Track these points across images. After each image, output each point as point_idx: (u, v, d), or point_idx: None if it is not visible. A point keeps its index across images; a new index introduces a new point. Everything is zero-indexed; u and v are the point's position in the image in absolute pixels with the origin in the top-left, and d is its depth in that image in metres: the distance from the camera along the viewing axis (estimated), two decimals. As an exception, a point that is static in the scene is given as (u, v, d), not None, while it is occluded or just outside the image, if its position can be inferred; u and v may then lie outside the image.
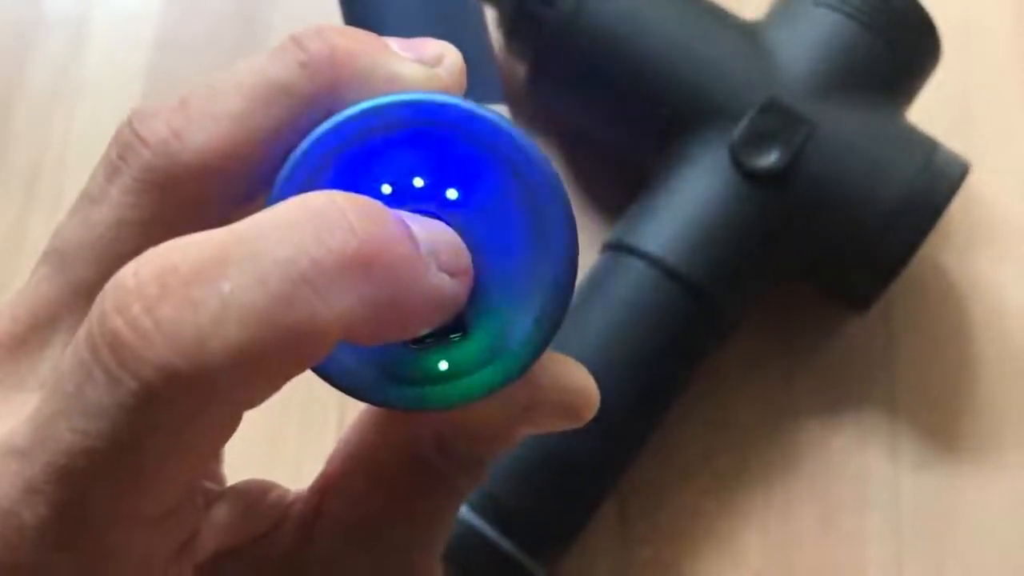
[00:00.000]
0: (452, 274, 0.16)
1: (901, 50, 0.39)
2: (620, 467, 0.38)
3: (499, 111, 0.22)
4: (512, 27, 0.41)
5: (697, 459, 0.41)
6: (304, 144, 0.17)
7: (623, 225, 0.39)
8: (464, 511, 0.35)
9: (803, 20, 0.39)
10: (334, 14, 0.32)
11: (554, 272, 0.17)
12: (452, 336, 0.17)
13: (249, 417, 0.15)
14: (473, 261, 0.17)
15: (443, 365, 0.17)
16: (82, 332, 0.14)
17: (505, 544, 0.36)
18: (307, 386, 0.20)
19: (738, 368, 0.41)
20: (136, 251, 0.15)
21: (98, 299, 0.14)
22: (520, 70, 0.41)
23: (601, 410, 0.36)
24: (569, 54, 0.39)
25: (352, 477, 0.21)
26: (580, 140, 0.44)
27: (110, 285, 0.14)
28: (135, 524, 0.15)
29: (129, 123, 0.17)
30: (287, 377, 0.15)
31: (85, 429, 0.14)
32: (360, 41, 0.18)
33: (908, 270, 0.41)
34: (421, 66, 0.18)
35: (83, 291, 0.17)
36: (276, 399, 0.16)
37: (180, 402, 0.14)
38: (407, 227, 0.16)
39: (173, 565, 0.17)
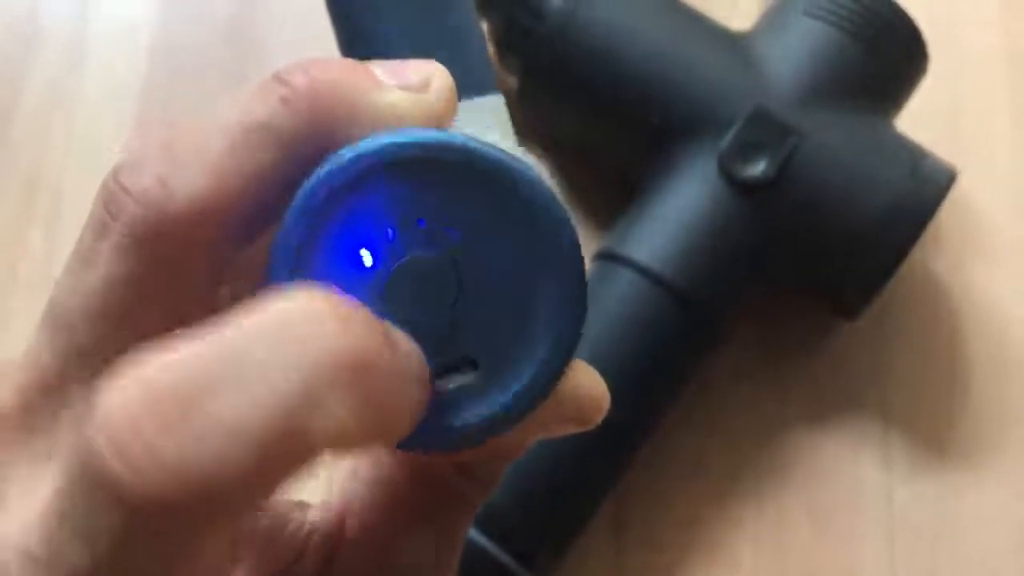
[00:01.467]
0: (418, 380, 0.16)
1: (888, 60, 0.39)
2: (614, 475, 0.38)
3: (494, 102, 0.22)
4: (503, 40, 0.41)
5: (690, 467, 0.41)
6: (297, 197, 0.17)
7: (613, 235, 0.39)
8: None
9: (791, 31, 0.39)
10: (326, 21, 0.33)
11: (566, 299, 0.17)
12: (463, 379, 0.17)
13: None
14: (479, 297, 0.17)
15: (460, 405, 0.17)
16: (74, 457, 0.14)
17: (499, 554, 0.36)
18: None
19: (730, 376, 0.42)
20: (131, 313, 0.15)
21: (87, 424, 0.14)
22: (511, 82, 0.42)
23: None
24: (559, 66, 0.40)
25: (370, 500, 0.21)
26: (571, 151, 0.44)
27: (100, 416, 0.14)
28: None
29: (114, 175, 0.17)
30: (284, 486, 0.14)
31: (87, 552, 0.14)
32: (342, 72, 0.17)
33: (900, 278, 0.41)
34: (408, 94, 0.18)
35: (85, 356, 0.17)
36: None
37: (180, 528, 0.14)
38: (392, 335, 0.15)
39: None
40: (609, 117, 0.40)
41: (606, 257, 0.39)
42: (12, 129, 0.45)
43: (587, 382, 0.19)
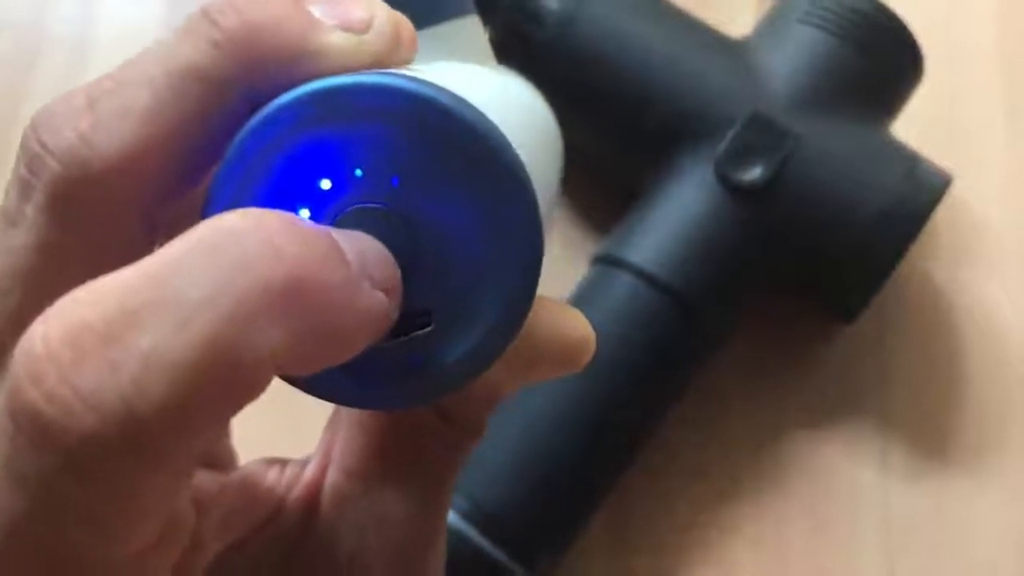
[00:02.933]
0: (384, 291, 0.15)
1: (883, 66, 0.40)
2: (613, 477, 0.38)
3: (464, 25, 0.22)
4: (500, 44, 0.42)
5: (690, 471, 0.41)
6: (229, 151, 0.16)
7: (612, 239, 0.40)
8: (455, 519, 0.36)
9: (787, 37, 0.40)
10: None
11: (520, 248, 0.16)
12: (418, 331, 0.16)
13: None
14: (430, 247, 0.16)
15: (418, 359, 0.16)
16: (2, 399, 0.13)
17: (497, 554, 0.36)
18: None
19: (729, 380, 0.42)
20: (63, 272, 0.14)
21: (11, 365, 0.13)
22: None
23: (592, 420, 0.36)
24: (557, 71, 0.40)
25: (352, 448, 0.20)
26: (569, 155, 0.44)
27: (20, 351, 0.13)
28: (112, 568, 0.14)
29: (34, 130, 0.16)
30: (226, 419, 0.14)
31: (20, 494, 0.13)
32: (277, 10, 0.16)
33: (897, 282, 0.41)
34: (348, 35, 0.16)
35: (17, 319, 0.16)
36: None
37: (115, 468, 0.13)
38: (337, 245, 0.14)
39: None
40: (607, 122, 0.40)
41: (605, 261, 0.39)
42: (18, 132, 0.46)
43: (570, 323, 0.19)
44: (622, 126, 0.40)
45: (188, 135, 0.16)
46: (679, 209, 0.38)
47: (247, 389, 0.13)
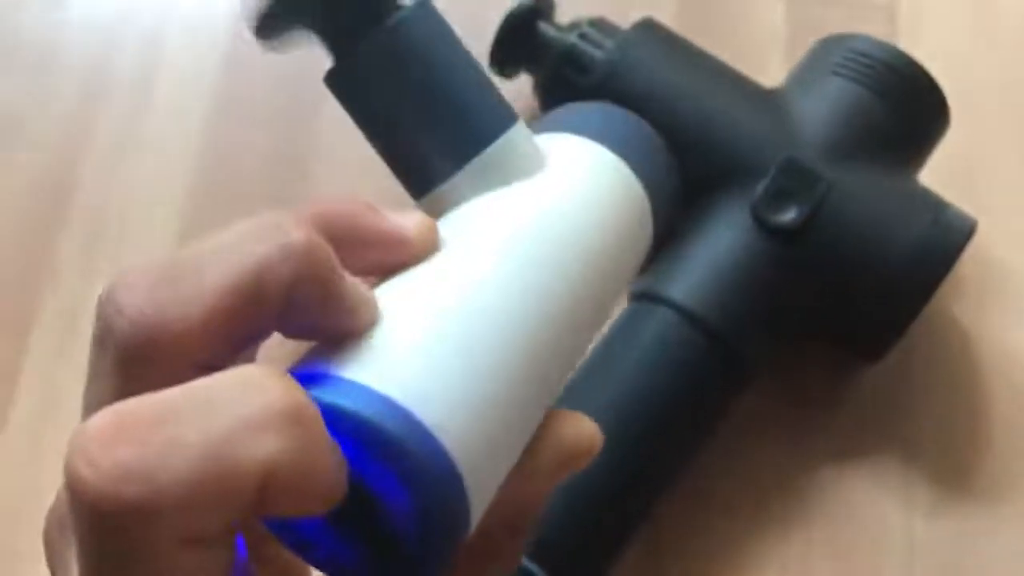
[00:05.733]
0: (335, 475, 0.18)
1: (911, 116, 0.42)
2: (647, 507, 0.40)
3: (513, 135, 0.23)
4: (547, 91, 0.44)
5: (719, 502, 0.42)
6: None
7: (649, 276, 0.41)
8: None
9: (820, 87, 0.42)
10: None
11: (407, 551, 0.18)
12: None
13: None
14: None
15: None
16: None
17: (538, 572, 0.37)
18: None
19: (760, 415, 0.43)
20: None
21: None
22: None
23: (629, 453, 0.38)
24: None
25: None
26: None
27: (77, 432, 0.16)
28: None
29: (109, 295, 0.18)
30: (224, 515, 0.16)
31: (68, 542, 0.18)
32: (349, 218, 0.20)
33: (922, 323, 0.42)
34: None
35: None
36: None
37: (134, 524, 0.15)
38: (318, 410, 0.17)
39: None
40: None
41: (643, 297, 0.41)
42: (82, 166, 0.48)
43: (576, 431, 0.22)
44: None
45: (247, 323, 0.18)
46: (716, 248, 0.40)
47: (241, 486, 0.16)
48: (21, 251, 0.48)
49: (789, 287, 0.40)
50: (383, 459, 0.18)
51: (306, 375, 0.18)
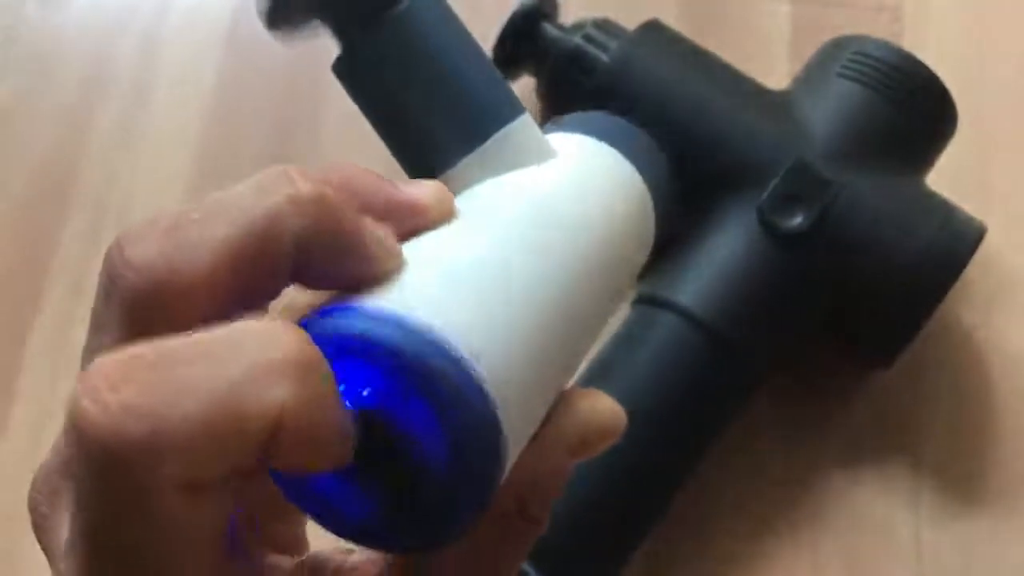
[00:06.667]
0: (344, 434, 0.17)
1: (919, 119, 0.41)
2: (655, 510, 0.40)
3: (519, 125, 0.23)
4: (551, 92, 0.43)
5: (728, 506, 0.42)
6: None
7: (654, 279, 0.41)
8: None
9: (826, 90, 0.41)
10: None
11: (474, 468, 0.18)
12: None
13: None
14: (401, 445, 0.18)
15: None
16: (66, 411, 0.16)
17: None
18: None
19: (768, 421, 0.43)
20: None
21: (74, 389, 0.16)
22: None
23: (637, 456, 0.38)
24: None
25: None
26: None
27: (80, 375, 0.16)
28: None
29: (118, 246, 0.18)
30: (228, 460, 0.16)
31: (71, 486, 0.17)
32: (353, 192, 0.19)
33: (931, 330, 0.42)
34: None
35: None
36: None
37: (139, 465, 0.15)
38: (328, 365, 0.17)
39: None
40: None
41: (648, 301, 0.40)
42: (83, 158, 0.48)
43: (599, 407, 0.21)
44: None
45: (256, 275, 0.18)
46: (722, 252, 0.40)
47: (251, 430, 0.16)
48: (21, 251, 0.48)
49: (796, 292, 0.40)
50: (415, 388, 0.17)
51: (329, 309, 0.18)
